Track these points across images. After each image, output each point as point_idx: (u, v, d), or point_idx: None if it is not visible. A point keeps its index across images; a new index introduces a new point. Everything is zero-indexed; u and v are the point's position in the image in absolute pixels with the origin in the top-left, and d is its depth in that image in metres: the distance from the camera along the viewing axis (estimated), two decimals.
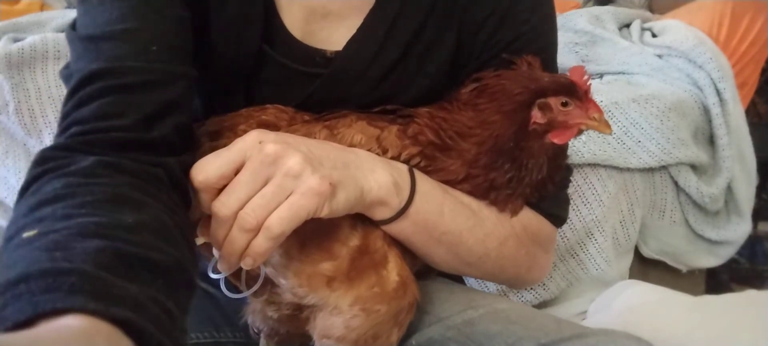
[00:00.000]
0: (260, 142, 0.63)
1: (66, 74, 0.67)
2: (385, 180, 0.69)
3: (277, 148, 0.63)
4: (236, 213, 0.62)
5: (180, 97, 0.66)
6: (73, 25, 0.70)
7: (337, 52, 0.80)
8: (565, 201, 0.84)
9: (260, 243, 0.62)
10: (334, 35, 0.80)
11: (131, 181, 0.57)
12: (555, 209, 0.82)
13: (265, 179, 0.62)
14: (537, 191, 0.76)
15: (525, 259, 0.81)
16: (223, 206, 0.62)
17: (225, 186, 0.64)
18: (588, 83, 0.72)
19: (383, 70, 0.80)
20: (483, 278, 0.91)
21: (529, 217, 0.79)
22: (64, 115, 0.63)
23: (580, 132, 0.73)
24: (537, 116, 0.72)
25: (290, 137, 0.67)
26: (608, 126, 0.72)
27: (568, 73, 0.74)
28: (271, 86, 0.81)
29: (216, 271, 0.68)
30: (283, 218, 0.61)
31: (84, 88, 0.62)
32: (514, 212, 0.77)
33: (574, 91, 0.72)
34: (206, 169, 0.63)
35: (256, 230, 0.62)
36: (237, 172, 0.63)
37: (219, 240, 0.64)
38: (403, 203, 0.71)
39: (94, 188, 0.54)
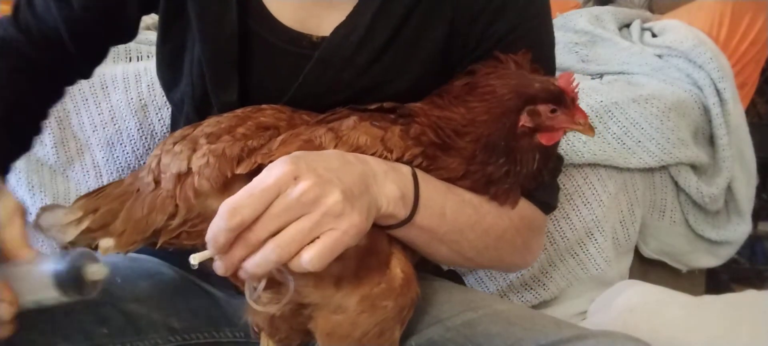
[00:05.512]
0: (295, 179, 0.62)
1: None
2: (393, 195, 0.70)
3: (316, 191, 0.62)
4: (264, 242, 0.62)
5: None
6: None
7: (323, 37, 0.81)
8: (556, 189, 0.88)
9: (295, 277, 0.65)
10: (325, 23, 0.82)
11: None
12: (547, 198, 0.86)
13: (300, 215, 0.62)
14: (534, 180, 0.79)
15: (521, 246, 0.84)
16: (253, 235, 0.62)
17: None
18: (576, 91, 0.76)
19: (371, 55, 0.80)
20: (480, 268, 0.93)
21: (524, 206, 0.82)
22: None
23: (565, 132, 0.77)
24: (525, 120, 0.75)
25: (318, 164, 0.65)
26: (592, 129, 0.76)
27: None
28: (263, 74, 0.83)
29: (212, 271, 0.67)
30: (323, 256, 0.62)
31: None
32: (514, 204, 0.79)
33: (562, 99, 0.75)
34: (242, 212, 0.61)
35: (288, 260, 0.62)
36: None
37: (236, 262, 0.64)
38: (408, 214, 0.72)
39: None
